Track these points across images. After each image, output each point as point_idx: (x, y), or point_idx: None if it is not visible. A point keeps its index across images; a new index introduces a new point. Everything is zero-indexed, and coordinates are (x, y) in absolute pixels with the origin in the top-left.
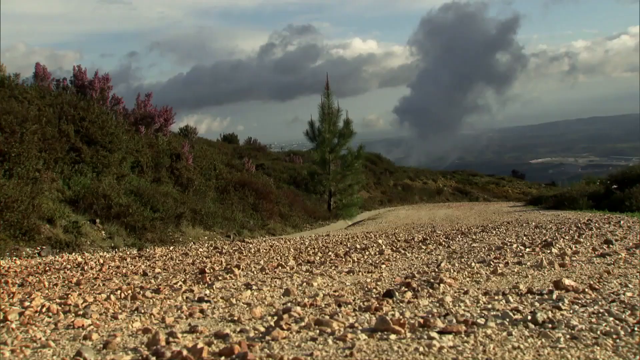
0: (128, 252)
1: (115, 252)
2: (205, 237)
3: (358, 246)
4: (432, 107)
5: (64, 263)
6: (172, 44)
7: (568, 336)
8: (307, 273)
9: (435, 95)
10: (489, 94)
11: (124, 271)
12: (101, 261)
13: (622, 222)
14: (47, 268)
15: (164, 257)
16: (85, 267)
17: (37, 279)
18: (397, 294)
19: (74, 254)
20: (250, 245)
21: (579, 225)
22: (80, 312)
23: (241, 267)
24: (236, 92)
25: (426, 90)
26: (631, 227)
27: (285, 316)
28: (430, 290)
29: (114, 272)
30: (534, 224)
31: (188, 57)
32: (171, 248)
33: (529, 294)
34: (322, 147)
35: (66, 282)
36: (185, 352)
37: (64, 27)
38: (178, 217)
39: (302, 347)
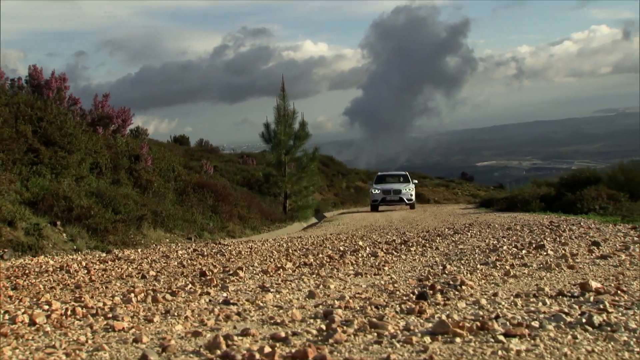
0: (98, 255)
1: (88, 255)
2: (167, 240)
3: (341, 248)
4: (382, 109)
5: (43, 266)
6: (121, 44)
7: (634, 339)
8: (315, 276)
9: (386, 98)
10: (438, 97)
11: (113, 274)
12: (83, 264)
13: (582, 223)
14: (27, 271)
15: (144, 259)
16: (71, 270)
17: (28, 282)
18: (429, 296)
19: (42, 256)
20: (229, 248)
21: (552, 227)
22: (110, 315)
23: (243, 269)
24: (186, 93)
25: (377, 92)
26: (600, 228)
27: (337, 319)
28: (457, 292)
29: (106, 275)
30: (498, 225)
31: (137, 57)
32: (148, 250)
33: (559, 296)
34: (277, 149)
35: (61, 285)
36: (258, 355)
37: (6, 25)
38: (139, 219)
39: (371, 350)
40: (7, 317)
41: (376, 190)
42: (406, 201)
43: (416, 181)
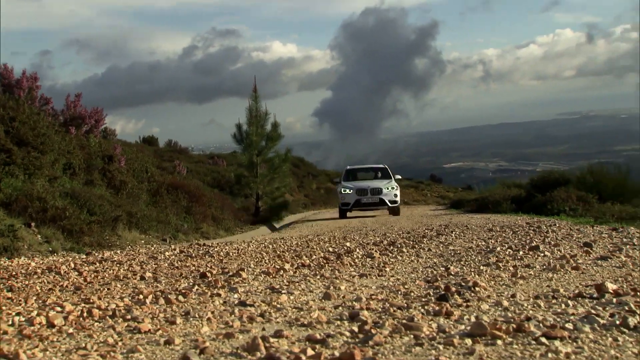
0: (79, 257)
1: (69, 256)
2: (142, 241)
3: (330, 249)
4: (351, 111)
5: (29, 268)
6: (87, 43)
7: None
8: (319, 277)
9: (355, 99)
10: (407, 98)
11: (107, 276)
12: (72, 265)
13: (557, 224)
14: (14, 273)
15: (132, 261)
16: (61, 272)
17: (22, 284)
18: (450, 297)
19: (22, 258)
20: (216, 249)
21: (534, 228)
22: (128, 317)
23: (244, 270)
24: (153, 93)
25: (346, 93)
26: (581, 230)
27: (369, 321)
28: (472, 294)
29: (100, 277)
30: (475, 227)
31: (103, 56)
32: (131, 252)
33: (579, 297)
34: (249, 150)
35: (58, 286)
36: (303, 357)
37: None
38: (115, 220)
39: (415, 352)
40: (22, 319)
41: (347, 190)
42: (389, 204)
43: (399, 176)
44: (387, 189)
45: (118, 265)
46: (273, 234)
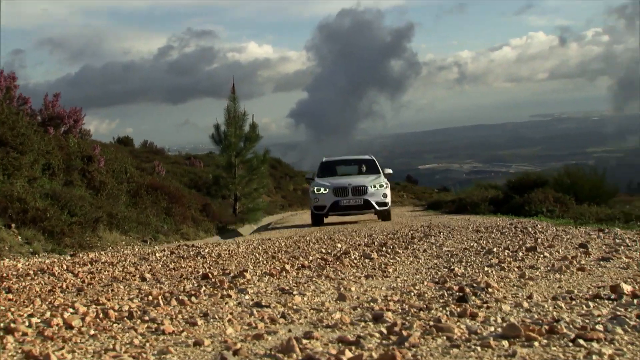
0: (63, 258)
1: (54, 258)
2: (123, 242)
3: (323, 250)
4: (327, 112)
5: (19, 269)
6: (60, 43)
7: None
8: (323, 278)
9: (331, 100)
10: (383, 100)
11: (103, 277)
12: (64, 266)
13: (538, 225)
14: (5, 274)
15: (123, 262)
16: (56, 273)
17: (19, 285)
18: (469, 298)
19: (6, 260)
20: (206, 250)
21: (523, 230)
22: (146, 318)
23: (248, 271)
24: (127, 93)
25: (322, 94)
26: (567, 231)
27: (398, 321)
28: (488, 295)
29: (98, 278)
30: (458, 228)
31: (77, 56)
32: (119, 253)
33: (597, 299)
34: (228, 151)
35: (57, 288)
36: (344, 358)
37: None
38: (96, 221)
39: (454, 354)
40: (37, 321)
41: (321, 189)
42: (376, 206)
43: (390, 170)
44: (374, 187)
45: (111, 266)
46: (254, 235)
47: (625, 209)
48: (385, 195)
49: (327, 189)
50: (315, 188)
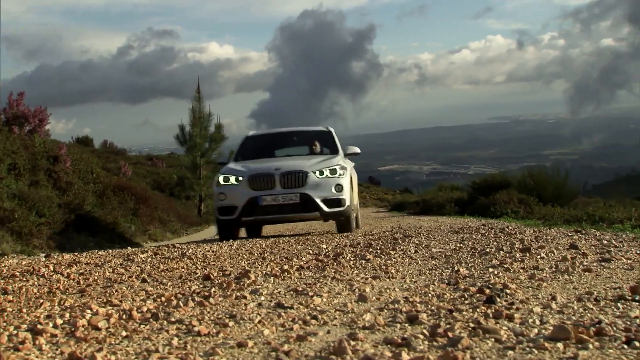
0: (38, 259)
1: (33, 259)
2: (92, 244)
3: (311, 251)
4: (289, 112)
5: (2, 271)
6: (15, 40)
7: None
8: (333, 279)
9: (293, 101)
10: (344, 101)
11: (96, 278)
12: (51, 268)
13: (510, 226)
14: None
15: (108, 263)
16: (45, 275)
17: (12, 287)
18: (497, 300)
19: None
20: (190, 252)
21: (503, 231)
22: (172, 319)
23: (251, 272)
24: (85, 93)
25: (284, 95)
26: (546, 231)
27: (441, 324)
28: (510, 297)
29: (92, 279)
30: (428, 229)
31: (33, 55)
32: (98, 253)
33: (621, 300)
34: (193, 152)
35: (54, 289)
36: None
37: None
38: (64, 222)
39: (510, 356)
40: (61, 322)
41: (231, 178)
42: (323, 207)
43: (357, 149)
44: (321, 173)
45: (97, 267)
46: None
47: (588, 210)
48: (339, 188)
49: (241, 178)
50: (222, 177)
